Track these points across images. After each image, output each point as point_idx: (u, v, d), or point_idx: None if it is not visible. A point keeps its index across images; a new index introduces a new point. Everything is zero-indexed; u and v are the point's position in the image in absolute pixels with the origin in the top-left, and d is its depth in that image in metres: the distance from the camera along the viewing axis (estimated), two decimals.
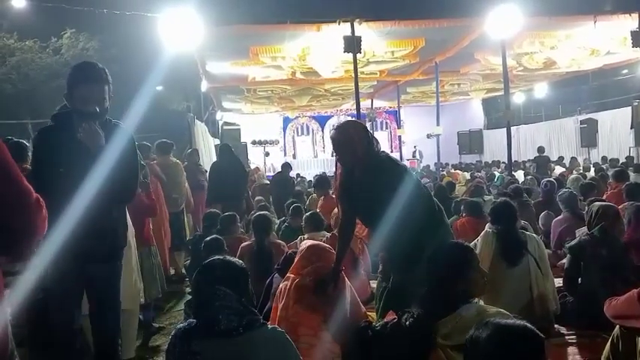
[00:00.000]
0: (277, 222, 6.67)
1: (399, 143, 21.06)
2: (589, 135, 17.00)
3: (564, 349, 3.51)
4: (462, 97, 21.71)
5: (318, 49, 11.03)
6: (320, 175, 9.56)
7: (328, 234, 4.85)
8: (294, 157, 23.22)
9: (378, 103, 21.31)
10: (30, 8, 15.18)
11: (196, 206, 7.87)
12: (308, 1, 16.63)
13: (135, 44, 19.88)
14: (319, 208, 6.44)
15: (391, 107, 22.49)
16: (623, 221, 4.04)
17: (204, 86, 15.13)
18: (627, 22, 10.10)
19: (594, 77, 19.54)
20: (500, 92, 15.82)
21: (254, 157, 19.77)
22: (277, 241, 4.87)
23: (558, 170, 13.07)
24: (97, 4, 13.05)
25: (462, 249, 2.55)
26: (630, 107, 15.03)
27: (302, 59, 11.76)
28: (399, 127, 19.78)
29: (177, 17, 8.53)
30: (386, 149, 20.67)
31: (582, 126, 17.38)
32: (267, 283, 3.91)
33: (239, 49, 10.92)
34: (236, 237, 5.03)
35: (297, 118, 23.72)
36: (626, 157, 13.94)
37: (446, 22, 10.03)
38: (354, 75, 9.99)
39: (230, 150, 7.89)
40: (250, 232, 5.05)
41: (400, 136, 20.71)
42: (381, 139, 23.14)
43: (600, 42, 11.89)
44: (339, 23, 9.44)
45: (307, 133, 24.16)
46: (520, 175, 11.86)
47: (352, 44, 9.23)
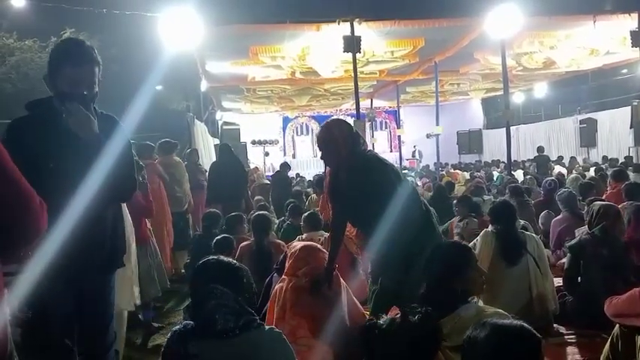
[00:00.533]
0: (277, 222, 6.68)
1: (399, 143, 21.05)
2: (588, 135, 17.02)
3: (563, 349, 3.52)
4: (461, 97, 21.71)
5: (318, 49, 11.03)
6: (320, 175, 9.56)
7: (327, 234, 4.84)
8: (294, 156, 23.20)
9: (377, 103, 21.30)
10: (29, 8, 15.15)
11: (196, 206, 7.86)
12: (308, 0, 16.60)
13: (135, 44, 19.86)
14: (319, 208, 6.45)
15: (391, 107, 22.49)
16: (623, 221, 4.04)
17: (203, 86, 15.11)
18: (627, 22, 10.10)
19: (594, 77, 19.55)
20: (500, 92, 15.83)
21: (254, 157, 19.77)
22: (277, 241, 4.87)
23: (558, 170, 13.08)
24: (97, 3, 13.04)
25: (460, 248, 2.56)
26: (630, 107, 15.02)
27: (302, 59, 11.76)
28: (398, 127, 19.77)
29: (176, 17, 8.53)
30: (385, 149, 20.56)
31: (582, 126, 17.39)
32: (267, 282, 3.92)
33: (239, 49, 10.92)
34: (242, 237, 5.03)
35: (296, 117, 23.71)
36: (626, 157, 13.95)
37: (445, 22, 10.03)
38: (353, 75, 9.98)
39: (230, 150, 7.89)
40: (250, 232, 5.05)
41: (400, 136, 20.70)
42: (381, 138, 23.30)
43: (600, 42, 11.89)
44: (339, 23, 9.44)
45: (307, 133, 24.14)
46: (519, 174, 11.86)
47: (352, 44, 9.23)
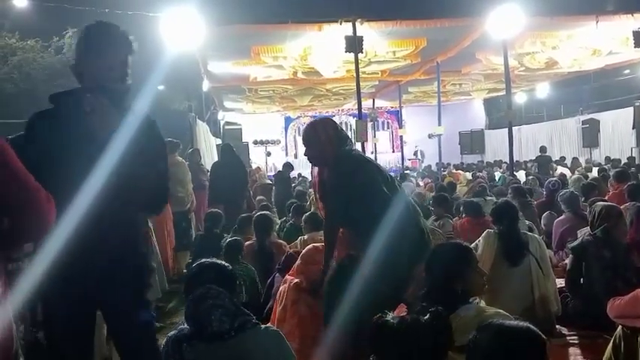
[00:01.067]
0: (279, 222, 6.68)
1: (401, 143, 21.03)
2: (591, 135, 16.98)
3: (566, 350, 3.51)
4: (463, 97, 21.69)
5: (320, 49, 11.02)
6: None
7: None
8: (296, 156, 23.18)
9: (379, 103, 21.29)
10: (32, 8, 15.20)
11: (198, 206, 7.87)
12: (310, 0, 16.62)
13: (136, 44, 19.86)
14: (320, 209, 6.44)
15: (393, 107, 22.46)
16: (626, 222, 4.02)
17: (205, 86, 15.14)
18: (629, 22, 10.08)
19: (596, 77, 19.50)
20: (502, 92, 15.79)
21: (255, 157, 19.78)
22: (278, 241, 4.87)
23: (560, 170, 13.05)
24: (99, 3, 13.07)
25: (460, 249, 2.55)
26: (632, 107, 15.00)
27: (303, 59, 11.76)
28: (400, 127, 19.77)
29: (178, 17, 8.52)
30: (387, 149, 20.51)
31: (584, 126, 17.35)
32: (269, 282, 3.93)
33: (241, 49, 10.92)
34: (248, 237, 5.01)
35: (298, 117, 23.70)
36: (628, 158, 13.92)
37: (447, 22, 10.02)
38: (355, 75, 9.98)
39: (231, 150, 7.89)
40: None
41: (402, 136, 20.69)
42: (383, 139, 23.29)
43: (602, 42, 11.86)
44: (341, 23, 9.43)
45: None
46: (522, 175, 11.84)
47: (354, 44, 9.23)
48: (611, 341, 2.69)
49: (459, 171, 15.13)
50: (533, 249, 3.78)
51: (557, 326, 3.79)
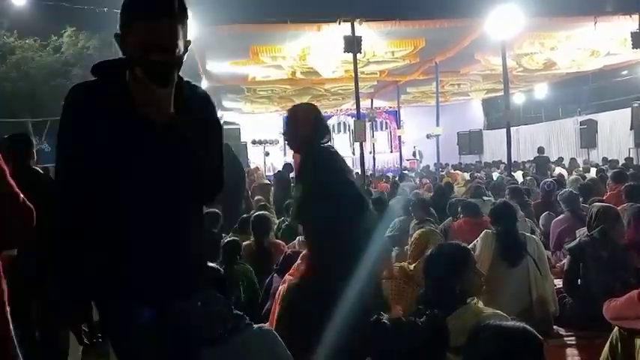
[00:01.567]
0: (277, 222, 6.67)
1: (399, 143, 21.03)
2: (589, 136, 17.00)
3: (563, 351, 3.51)
4: (461, 98, 21.72)
5: (319, 49, 11.03)
6: None
7: None
8: (294, 156, 23.16)
9: (378, 103, 21.30)
10: (30, 6, 15.17)
11: None
12: (308, 0, 16.62)
13: None
14: None
15: (391, 107, 22.46)
16: (623, 223, 4.03)
17: (204, 85, 15.11)
18: (627, 23, 10.11)
19: (594, 78, 19.53)
20: (500, 93, 15.81)
21: (254, 157, 19.77)
22: (277, 241, 4.87)
23: (558, 171, 13.07)
24: (98, 2, 13.06)
25: (458, 249, 2.55)
26: (630, 108, 15.04)
27: (302, 59, 11.77)
28: (398, 127, 19.76)
29: None
30: (386, 149, 20.46)
31: (582, 127, 17.38)
32: (267, 283, 3.92)
33: (239, 49, 10.93)
34: (246, 237, 5.01)
35: None
36: (626, 159, 13.93)
37: (446, 23, 10.04)
38: (354, 75, 9.99)
39: (230, 149, 7.88)
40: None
41: (400, 136, 20.69)
42: (381, 139, 23.27)
43: (600, 43, 11.89)
44: (340, 23, 9.45)
45: None
46: (519, 175, 11.85)
47: (352, 44, 9.23)
48: (608, 342, 2.68)
49: (457, 171, 15.15)
50: (531, 250, 3.78)
51: (554, 327, 3.79)
